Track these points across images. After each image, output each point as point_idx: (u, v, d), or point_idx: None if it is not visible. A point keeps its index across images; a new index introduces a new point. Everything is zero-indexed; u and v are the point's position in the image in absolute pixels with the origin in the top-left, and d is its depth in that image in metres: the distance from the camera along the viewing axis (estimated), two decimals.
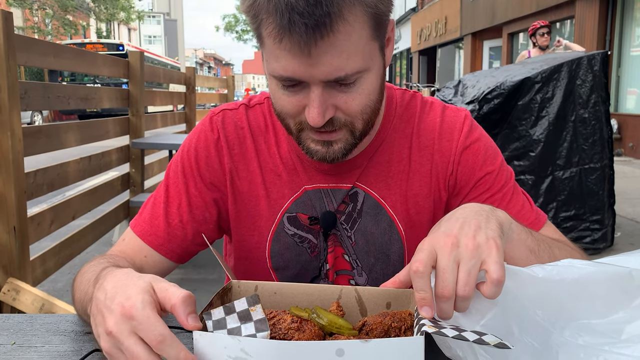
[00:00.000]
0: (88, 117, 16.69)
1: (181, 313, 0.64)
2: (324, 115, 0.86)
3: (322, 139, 0.92)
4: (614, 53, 10.41)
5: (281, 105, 0.92)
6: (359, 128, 0.93)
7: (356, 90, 0.88)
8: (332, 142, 0.93)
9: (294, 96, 0.89)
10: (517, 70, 4.18)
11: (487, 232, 0.73)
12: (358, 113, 0.90)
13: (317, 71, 0.83)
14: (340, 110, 0.89)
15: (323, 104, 0.86)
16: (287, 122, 0.94)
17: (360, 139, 0.95)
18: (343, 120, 0.90)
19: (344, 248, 1.08)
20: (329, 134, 0.92)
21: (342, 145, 0.94)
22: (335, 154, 0.94)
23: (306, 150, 0.96)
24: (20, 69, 14.83)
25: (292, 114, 0.91)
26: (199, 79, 7.02)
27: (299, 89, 0.87)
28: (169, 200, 1.07)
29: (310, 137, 0.94)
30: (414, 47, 26.15)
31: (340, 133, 0.92)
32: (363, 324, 0.76)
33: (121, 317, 0.64)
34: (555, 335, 0.71)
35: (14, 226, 2.49)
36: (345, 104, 0.88)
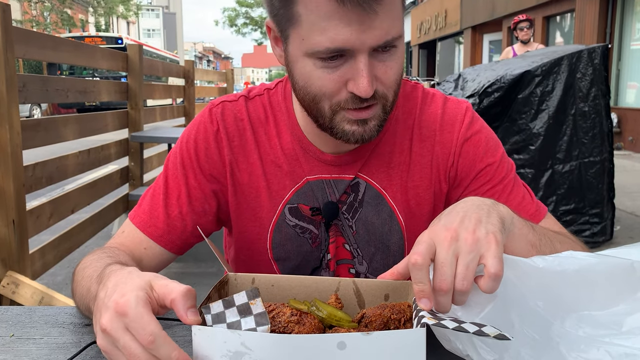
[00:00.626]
0: (87, 110, 16.62)
1: (180, 307, 0.63)
2: (372, 84, 0.87)
3: (360, 117, 0.92)
4: (614, 47, 10.39)
5: (320, 85, 0.90)
6: (390, 101, 0.94)
7: (393, 59, 0.89)
8: (367, 120, 0.93)
9: (335, 72, 0.88)
10: (517, 64, 4.16)
11: (488, 226, 0.73)
12: (393, 83, 0.92)
13: (368, 37, 0.83)
14: (380, 81, 0.90)
15: (370, 73, 0.87)
16: (322, 105, 0.92)
17: (388, 113, 0.96)
18: (381, 93, 0.91)
19: (345, 237, 1.08)
20: (366, 110, 0.91)
21: (376, 122, 0.94)
22: (372, 132, 0.94)
23: (341, 134, 0.94)
24: (18, 62, 14.64)
25: (331, 93, 0.90)
26: (198, 72, 7.01)
27: (340, 62, 0.87)
28: (168, 192, 1.06)
29: (345, 119, 0.92)
30: (414, 40, 26.08)
31: (375, 109, 0.92)
32: (362, 316, 0.76)
33: (115, 314, 0.63)
34: (556, 327, 0.71)
35: (13, 219, 2.49)
36: (384, 74, 0.89)
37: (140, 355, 0.61)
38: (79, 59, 3.42)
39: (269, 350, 0.60)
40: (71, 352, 0.83)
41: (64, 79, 3.31)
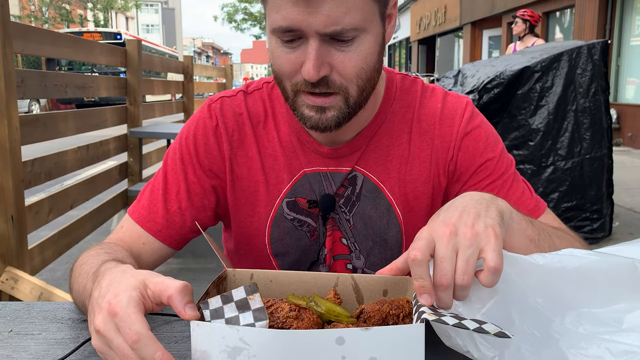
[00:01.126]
0: (86, 106, 16.59)
1: (178, 303, 0.63)
2: (318, 70, 0.87)
3: (316, 103, 0.92)
4: (614, 43, 10.37)
5: (279, 63, 0.92)
6: (353, 95, 0.93)
7: (353, 51, 0.89)
8: (326, 109, 0.93)
9: (292, 52, 0.89)
10: (516, 60, 4.16)
11: (487, 220, 0.72)
12: (353, 76, 0.91)
13: (315, 20, 0.84)
14: (336, 70, 0.90)
15: (319, 59, 0.87)
16: (284, 84, 0.94)
17: (355, 109, 0.95)
18: (338, 83, 0.91)
19: (342, 232, 1.08)
20: (323, 98, 0.92)
21: (336, 113, 0.93)
22: (328, 122, 0.94)
23: (300, 117, 0.96)
24: (17, 58, 14.69)
25: (289, 73, 0.92)
26: (197, 67, 6.99)
27: (297, 44, 0.88)
28: (167, 187, 1.06)
29: (305, 103, 0.94)
30: (413, 36, 26.04)
31: (335, 99, 0.92)
32: (361, 312, 0.76)
33: (107, 315, 0.63)
34: (556, 324, 0.71)
35: (12, 215, 2.48)
36: (341, 63, 0.89)
37: (131, 356, 0.61)
38: (78, 55, 3.41)
39: (268, 345, 0.60)
40: (69, 347, 0.83)
41: (62, 75, 3.30)
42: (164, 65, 5.86)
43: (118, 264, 0.77)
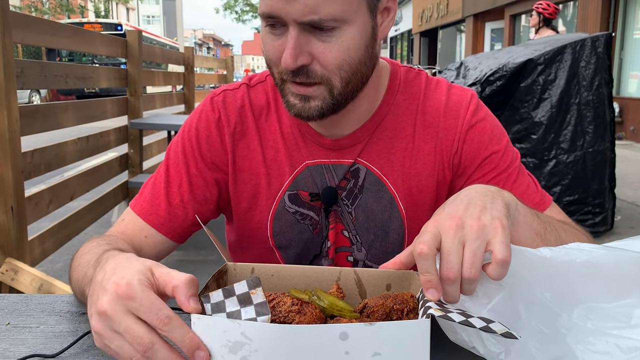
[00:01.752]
0: (86, 98, 16.56)
1: (183, 295, 0.62)
2: (296, 58, 0.87)
3: (300, 92, 0.92)
4: (617, 36, 10.32)
5: (266, 50, 0.93)
6: (337, 86, 0.92)
7: (335, 41, 0.88)
8: (309, 98, 0.92)
9: (277, 40, 0.90)
10: (519, 52, 4.13)
11: (493, 212, 0.71)
12: (335, 67, 0.90)
13: (293, 9, 0.84)
14: (317, 60, 0.89)
15: (297, 47, 0.86)
16: (273, 70, 0.95)
17: (340, 101, 0.94)
18: (319, 74, 0.90)
19: (343, 224, 1.07)
20: (305, 87, 0.91)
21: (319, 103, 0.92)
22: (311, 111, 0.93)
23: (286, 104, 0.96)
24: (17, 48, 14.54)
25: (275, 60, 0.92)
26: (198, 59, 6.96)
27: (280, 31, 0.89)
28: (170, 180, 1.06)
29: (290, 90, 0.93)
30: (415, 28, 25.94)
31: (318, 89, 0.92)
32: (364, 306, 0.75)
33: (116, 297, 0.62)
34: (564, 319, 0.69)
35: (12, 206, 2.47)
36: (322, 54, 0.88)
37: (145, 337, 0.60)
38: (78, 45, 3.39)
39: (270, 340, 0.58)
40: (68, 340, 0.82)
41: (62, 65, 3.28)
42: (165, 57, 5.84)
43: (122, 252, 0.76)
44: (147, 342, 0.59)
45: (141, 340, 0.59)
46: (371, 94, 1.03)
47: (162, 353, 0.60)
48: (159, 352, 0.60)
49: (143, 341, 0.59)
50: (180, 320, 0.60)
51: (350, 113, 1.02)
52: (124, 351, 0.61)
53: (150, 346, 0.59)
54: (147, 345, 0.59)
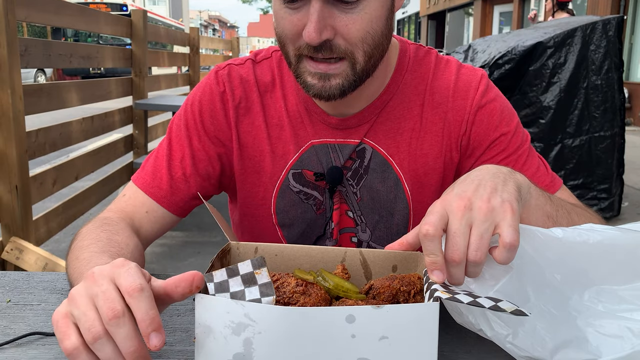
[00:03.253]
0: (92, 78, 16.53)
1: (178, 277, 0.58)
2: (320, 32, 0.83)
3: (320, 70, 0.89)
4: (628, 20, 10.16)
5: (282, 26, 0.89)
6: (359, 61, 0.89)
7: (358, 13, 0.85)
8: (330, 76, 0.89)
9: (295, 14, 0.86)
10: (529, 35, 4.07)
11: (503, 194, 0.69)
12: (359, 40, 0.87)
13: None
14: (341, 34, 0.86)
15: (321, 20, 0.83)
16: (287, 49, 0.91)
17: (362, 77, 0.91)
18: (343, 48, 0.87)
19: (348, 205, 1.05)
20: (327, 64, 0.88)
21: (341, 80, 0.89)
22: (332, 90, 0.90)
23: (303, 84, 0.92)
24: (22, 28, 14.40)
25: (292, 37, 0.88)
26: (203, 40, 6.91)
27: (299, 5, 0.85)
28: (172, 154, 1.04)
29: (307, 70, 0.90)
30: (423, 11, 25.66)
31: (341, 66, 0.89)
32: (370, 287, 0.73)
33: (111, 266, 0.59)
34: (574, 301, 0.68)
35: (16, 185, 2.47)
36: (345, 27, 0.85)
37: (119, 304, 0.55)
38: (82, 24, 3.35)
39: (274, 323, 0.57)
40: None
41: (67, 44, 3.25)
42: (170, 37, 5.79)
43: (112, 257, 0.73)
44: (119, 309, 0.54)
45: (113, 305, 0.54)
46: (380, 72, 1.01)
47: (127, 328, 0.54)
48: (125, 325, 0.54)
49: (115, 306, 0.54)
50: (151, 295, 0.56)
51: (358, 92, 0.99)
52: (86, 318, 0.55)
53: (120, 315, 0.54)
54: (117, 313, 0.54)
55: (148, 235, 1.02)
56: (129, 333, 0.54)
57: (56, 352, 0.72)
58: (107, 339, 0.55)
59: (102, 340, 0.54)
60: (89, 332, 0.55)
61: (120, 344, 0.54)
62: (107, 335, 0.55)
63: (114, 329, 0.54)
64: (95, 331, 0.54)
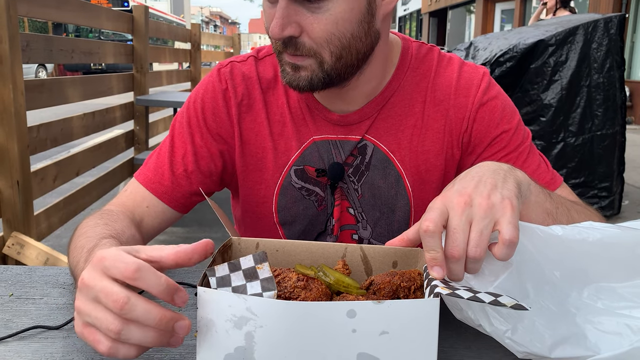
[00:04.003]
0: (93, 74, 16.52)
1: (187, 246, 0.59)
2: (283, 28, 0.86)
3: (291, 60, 0.91)
4: (630, 18, 10.15)
5: (265, 19, 0.92)
6: (327, 61, 0.90)
7: (322, 14, 0.86)
8: (300, 68, 0.91)
9: (272, 9, 0.89)
10: (530, 33, 4.06)
11: (503, 191, 0.69)
12: (323, 41, 0.88)
13: None
14: (306, 32, 0.88)
15: (285, 17, 0.86)
16: (272, 41, 0.94)
17: (333, 75, 0.92)
18: (308, 46, 0.89)
19: (349, 201, 1.06)
20: (295, 56, 0.91)
21: (309, 74, 0.91)
22: (301, 81, 0.92)
23: (281, 73, 0.95)
24: (24, 23, 14.38)
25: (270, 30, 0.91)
26: (205, 36, 6.90)
27: (275, 0, 0.87)
28: (174, 151, 1.05)
29: (284, 60, 0.93)
30: (425, 8, 25.63)
31: (308, 61, 0.90)
32: (370, 283, 0.74)
33: (92, 265, 0.59)
34: (573, 298, 0.68)
35: (17, 180, 2.47)
36: (310, 25, 0.87)
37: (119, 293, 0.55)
38: (83, 19, 3.35)
39: (276, 317, 0.57)
40: (71, 313, 0.81)
41: (68, 39, 3.25)
42: (171, 33, 5.79)
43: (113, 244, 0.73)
44: (122, 297, 0.55)
45: (116, 297, 0.55)
46: (380, 69, 1.01)
47: (140, 306, 0.55)
48: (136, 306, 0.55)
49: (117, 297, 0.55)
50: (150, 267, 0.56)
51: (358, 88, 1.00)
52: (102, 321, 0.56)
53: (126, 301, 0.55)
54: (123, 301, 0.55)
55: (149, 229, 1.03)
56: (144, 309, 0.56)
57: (59, 346, 0.73)
58: (128, 326, 0.56)
59: (124, 331, 0.56)
60: (109, 331, 0.56)
61: (143, 321, 0.56)
62: (126, 323, 0.56)
63: (129, 315, 0.55)
64: (114, 327, 0.56)
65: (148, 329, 0.56)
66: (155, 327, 0.56)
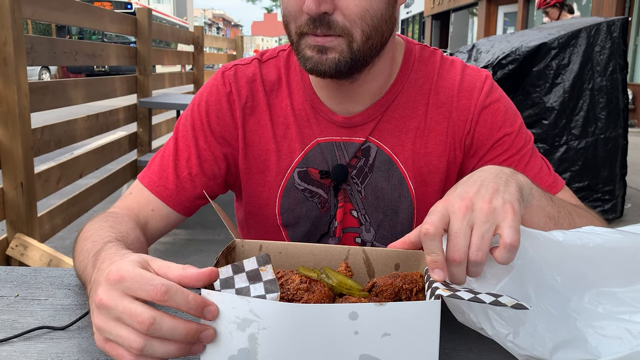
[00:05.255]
0: (96, 76, 16.57)
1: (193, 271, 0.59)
2: (319, 3, 0.85)
3: (317, 43, 0.90)
4: (633, 21, 10.14)
5: (286, 3, 0.91)
6: (357, 40, 0.90)
7: None
8: (327, 50, 0.90)
9: None
10: (533, 36, 4.07)
11: (505, 196, 0.70)
12: (357, 17, 0.88)
13: None
14: (339, 9, 0.87)
15: None
16: (290, 27, 0.93)
17: (358, 57, 0.92)
18: (341, 25, 0.88)
19: (352, 204, 1.06)
20: (324, 37, 0.89)
21: (337, 55, 0.90)
22: (327, 64, 0.91)
23: (301, 60, 0.93)
24: (27, 25, 14.39)
25: (295, 13, 0.90)
26: (208, 38, 6.92)
27: None
28: (178, 154, 1.05)
29: (307, 44, 0.91)
30: (427, 11, 25.63)
31: (338, 41, 0.90)
32: (373, 285, 0.74)
33: (108, 284, 0.59)
34: (574, 302, 0.68)
35: (21, 182, 2.49)
36: (344, 1, 0.86)
37: (144, 314, 0.56)
38: (87, 22, 3.37)
39: (279, 318, 0.58)
40: (76, 314, 0.82)
41: (72, 42, 3.26)
42: (174, 35, 5.80)
43: (119, 249, 0.73)
44: (147, 318, 0.56)
45: (141, 318, 0.56)
46: (387, 66, 1.02)
47: (167, 325, 0.57)
48: (162, 325, 0.57)
49: (143, 319, 0.56)
50: (176, 285, 0.57)
51: (366, 84, 1.00)
52: (125, 338, 0.57)
53: (152, 321, 0.56)
54: (148, 322, 0.56)
55: (153, 232, 1.03)
56: (170, 327, 0.57)
57: (64, 346, 0.73)
58: (151, 342, 0.57)
59: (147, 347, 0.57)
60: (132, 349, 0.57)
61: (170, 337, 0.57)
62: (149, 339, 0.57)
63: (156, 334, 0.57)
64: (136, 344, 0.57)
65: (172, 342, 0.58)
66: (181, 340, 0.58)
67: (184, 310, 0.57)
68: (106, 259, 0.69)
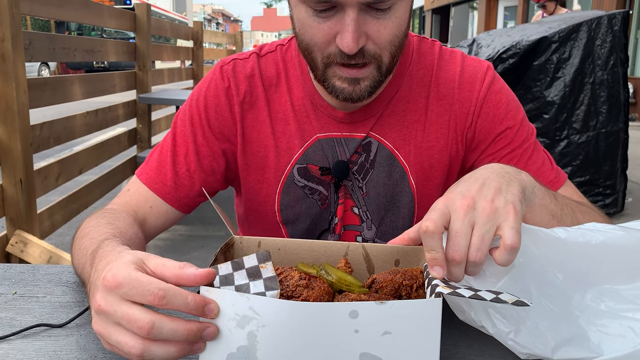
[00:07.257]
0: (96, 72, 16.53)
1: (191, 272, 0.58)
2: (357, 41, 0.83)
3: (350, 75, 0.89)
4: (634, 14, 10.10)
5: (311, 34, 0.88)
6: (385, 62, 0.90)
7: (390, 17, 0.85)
8: (359, 80, 0.90)
9: (325, 22, 0.85)
10: (533, 30, 4.05)
11: (507, 196, 0.68)
12: (387, 43, 0.87)
13: None
14: (371, 39, 0.86)
15: (358, 30, 0.83)
16: (314, 55, 0.91)
17: (386, 75, 0.92)
18: (372, 52, 0.87)
19: (354, 200, 1.05)
20: (357, 69, 0.89)
21: (369, 82, 0.91)
22: (362, 92, 0.91)
23: (331, 89, 0.92)
24: (26, 21, 14.35)
25: (321, 45, 0.88)
26: (207, 34, 6.90)
27: (331, 14, 0.84)
28: (176, 150, 1.04)
29: (336, 75, 0.90)
30: (427, 5, 25.55)
31: (368, 69, 0.89)
32: (372, 281, 0.73)
33: (105, 289, 0.59)
34: (576, 300, 0.68)
35: (21, 179, 2.48)
36: (377, 32, 0.85)
37: (143, 319, 0.56)
38: (86, 17, 3.35)
39: (278, 316, 0.57)
40: (74, 311, 0.82)
41: (70, 38, 3.25)
42: (174, 31, 5.78)
43: (116, 245, 0.72)
44: (146, 323, 0.56)
45: (140, 323, 0.56)
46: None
47: (167, 328, 0.56)
48: (162, 328, 0.56)
49: (142, 324, 0.56)
50: (174, 288, 0.57)
51: None
52: (124, 344, 0.57)
53: (151, 325, 0.56)
54: (148, 326, 0.56)
55: (151, 229, 1.02)
56: (171, 329, 0.57)
57: (62, 344, 0.73)
58: (151, 346, 0.57)
59: (147, 352, 0.57)
60: (132, 354, 0.57)
61: (170, 339, 0.57)
62: (149, 343, 0.57)
63: (156, 337, 0.57)
64: (136, 350, 0.57)
65: (173, 343, 0.57)
66: (183, 341, 0.57)
67: (184, 311, 0.57)
68: (103, 258, 0.68)
